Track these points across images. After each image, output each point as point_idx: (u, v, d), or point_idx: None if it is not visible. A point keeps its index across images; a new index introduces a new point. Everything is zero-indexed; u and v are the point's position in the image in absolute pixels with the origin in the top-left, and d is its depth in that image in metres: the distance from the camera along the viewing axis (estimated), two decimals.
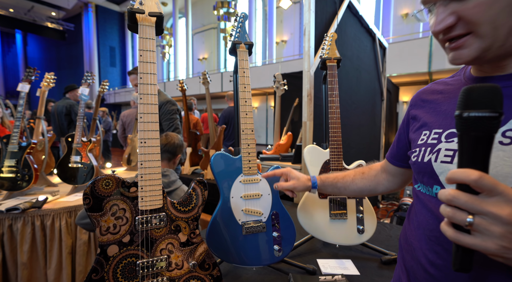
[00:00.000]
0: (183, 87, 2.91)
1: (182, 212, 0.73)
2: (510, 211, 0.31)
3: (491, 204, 0.32)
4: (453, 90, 0.55)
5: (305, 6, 1.85)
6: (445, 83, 0.58)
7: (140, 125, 0.71)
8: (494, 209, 0.32)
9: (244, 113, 0.95)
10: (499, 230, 0.32)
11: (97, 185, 0.64)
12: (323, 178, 0.83)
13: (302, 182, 0.82)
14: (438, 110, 0.55)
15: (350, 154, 2.50)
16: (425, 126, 0.56)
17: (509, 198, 0.32)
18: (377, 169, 0.78)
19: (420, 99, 0.61)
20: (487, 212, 0.32)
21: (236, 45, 0.99)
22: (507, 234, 0.32)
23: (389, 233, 1.38)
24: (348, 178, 0.80)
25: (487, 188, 0.32)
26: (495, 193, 0.32)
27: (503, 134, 0.43)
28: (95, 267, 0.63)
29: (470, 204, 0.33)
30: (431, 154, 0.52)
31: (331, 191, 0.83)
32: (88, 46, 16.86)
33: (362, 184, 0.78)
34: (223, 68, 14.77)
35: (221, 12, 10.56)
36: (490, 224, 0.32)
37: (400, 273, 0.61)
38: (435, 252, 0.49)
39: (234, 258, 0.90)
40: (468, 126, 0.33)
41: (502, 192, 0.32)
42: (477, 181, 0.32)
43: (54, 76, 2.18)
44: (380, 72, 3.30)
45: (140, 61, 0.73)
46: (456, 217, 0.34)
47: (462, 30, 0.44)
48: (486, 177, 0.32)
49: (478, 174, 0.32)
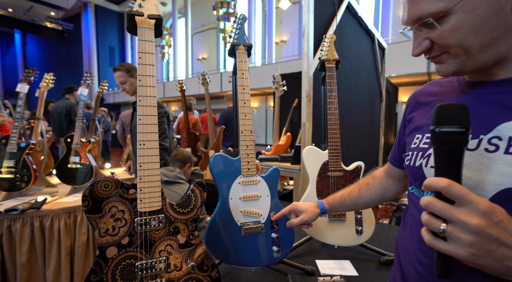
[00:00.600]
0: (182, 88, 2.91)
1: (181, 213, 0.73)
2: (478, 221, 0.33)
3: (462, 212, 0.34)
4: (446, 93, 0.56)
5: (304, 7, 1.85)
6: (440, 85, 0.59)
7: (139, 127, 0.71)
8: (464, 217, 0.34)
9: (243, 114, 0.95)
10: (468, 238, 0.33)
11: (96, 186, 0.65)
12: (330, 200, 0.82)
13: (311, 212, 0.81)
14: (430, 114, 0.55)
15: (349, 154, 2.51)
16: (418, 129, 0.57)
17: (479, 208, 0.33)
18: (381, 176, 0.78)
19: (415, 101, 0.62)
20: (458, 220, 0.34)
21: (235, 47, 0.99)
22: (476, 242, 0.33)
23: (388, 233, 1.38)
24: (354, 193, 0.79)
25: (456, 196, 0.34)
26: (465, 201, 0.34)
27: (488, 141, 0.44)
28: (94, 269, 0.63)
29: (443, 211, 0.35)
30: (422, 159, 0.53)
31: (341, 210, 0.83)
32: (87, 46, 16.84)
33: (370, 196, 0.77)
34: (223, 69, 14.77)
35: (220, 12, 10.56)
36: (461, 232, 0.34)
37: (396, 271, 0.63)
38: (423, 251, 0.50)
39: (233, 259, 0.90)
40: (441, 140, 0.37)
41: (472, 201, 0.34)
42: (446, 188, 0.35)
43: (53, 76, 2.18)
44: (379, 73, 3.31)
45: (139, 63, 0.73)
46: (431, 224, 0.36)
47: (437, 51, 0.48)
48: (455, 185, 0.35)
49: (447, 182, 0.35)
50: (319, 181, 1.16)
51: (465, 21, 0.42)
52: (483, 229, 0.33)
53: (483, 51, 0.43)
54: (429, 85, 0.62)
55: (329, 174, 1.16)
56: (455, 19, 0.42)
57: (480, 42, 0.42)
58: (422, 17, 0.45)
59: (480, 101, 0.48)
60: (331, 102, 1.19)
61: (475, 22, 0.41)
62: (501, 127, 0.43)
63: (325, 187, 1.16)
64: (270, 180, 0.97)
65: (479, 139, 0.45)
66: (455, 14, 0.42)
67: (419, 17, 0.45)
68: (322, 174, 1.17)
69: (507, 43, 0.43)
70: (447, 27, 0.43)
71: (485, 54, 0.43)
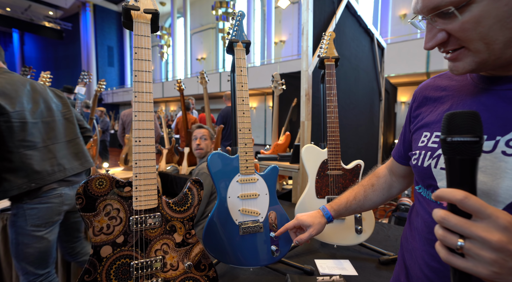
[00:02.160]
0: (180, 87, 2.89)
1: (178, 212, 0.72)
2: (499, 237, 0.31)
3: (481, 228, 0.32)
4: (457, 88, 0.52)
5: (303, 5, 1.84)
6: (450, 78, 0.55)
7: (135, 124, 0.69)
8: (484, 233, 0.31)
9: (241, 112, 0.94)
10: (489, 255, 0.31)
11: (90, 184, 0.63)
12: (335, 206, 0.77)
13: (317, 224, 0.75)
14: (441, 109, 0.52)
15: (348, 153, 2.50)
16: (426, 127, 0.54)
17: (499, 223, 0.31)
18: (385, 174, 0.75)
19: (422, 95, 0.58)
20: (477, 236, 0.32)
21: (234, 43, 0.98)
22: (498, 260, 0.31)
23: (387, 233, 1.37)
24: (359, 196, 0.75)
25: (473, 209, 0.32)
26: (484, 215, 0.32)
27: (506, 143, 0.41)
28: (87, 268, 0.61)
29: (459, 226, 0.33)
30: (431, 159, 0.50)
31: (348, 215, 0.79)
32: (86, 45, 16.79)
33: (376, 197, 0.74)
34: (222, 68, 14.75)
35: (219, 12, 10.55)
36: (480, 249, 0.31)
37: (400, 270, 0.61)
38: (431, 254, 0.49)
39: (231, 259, 0.89)
40: (453, 150, 0.35)
41: (491, 215, 0.31)
42: (462, 201, 0.32)
43: (50, 75, 2.16)
44: (379, 72, 3.30)
45: (135, 58, 0.72)
46: (447, 240, 0.34)
47: (454, 45, 0.43)
48: (471, 197, 0.32)
49: (462, 194, 0.32)
50: (318, 179, 1.15)
51: (491, 11, 0.37)
52: (505, 245, 0.30)
53: (507, 46, 0.39)
54: (437, 78, 0.58)
55: (328, 173, 1.15)
56: (479, 8, 0.38)
57: (505, 37, 0.38)
58: (440, 6, 0.40)
59: (497, 99, 0.44)
60: (331, 100, 1.18)
61: (501, 13, 0.37)
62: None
63: (324, 186, 1.15)
64: (269, 179, 0.96)
65: (495, 141, 0.41)
66: (479, 3, 0.37)
67: (437, 5, 0.40)
68: (321, 173, 1.16)
69: None
70: (468, 18, 0.39)
71: (508, 50, 0.39)
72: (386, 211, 3.46)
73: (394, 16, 9.47)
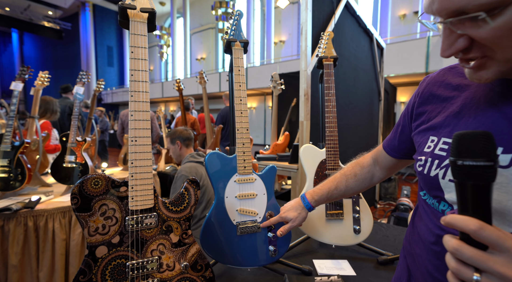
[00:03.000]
0: (179, 87, 2.89)
1: (174, 212, 0.72)
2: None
3: (499, 262, 0.29)
4: (470, 87, 0.46)
5: (302, 5, 1.84)
6: (462, 75, 0.49)
7: (131, 123, 0.69)
8: (503, 269, 0.28)
9: (239, 112, 0.94)
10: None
11: (86, 184, 0.63)
12: (316, 196, 0.78)
13: (298, 217, 0.80)
14: (450, 112, 0.47)
15: (347, 153, 2.50)
16: (433, 130, 0.49)
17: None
18: (370, 165, 0.73)
19: (429, 92, 0.52)
20: (494, 271, 0.29)
21: (231, 43, 0.97)
22: None
23: (386, 233, 1.37)
24: (341, 186, 0.75)
25: (490, 241, 0.30)
26: (502, 249, 0.29)
27: None
28: (82, 269, 0.61)
29: (475, 260, 0.30)
30: (438, 168, 0.46)
31: (327, 202, 0.82)
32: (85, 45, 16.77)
33: (358, 187, 0.75)
34: (221, 68, 14.75)
35: (219, 12, 10.55)
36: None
37: (402, 272, 0.59)
38: (435, 266, 0.46)
39: (229, 259, 0.89)
40: (464, 174, 0.32)
41: (509, 248, 0.29)
42: (477, 232, 0.30)
43: (49, 75, 2.15)
44: (378, 73, 3.30)
45: (131, 58, 0.71)
46: (462, 274, 0.31)
47: (477, 53, 0.37)
48: (488, 228, 0.29)
49: (477, 225, 0.30)
50: (317, 179, 1.15)
51: None
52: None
53: None
54: (448, 72, 0.51)
55: (327, 173, 1.14)
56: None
57: None
58: (466, 10, 0.33)
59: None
60: (329, 100, 1.17)
61: None
62: None
63: None
64: (267, 178, 0.96)
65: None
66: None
67: (461, 9, 0.33)
68: (319, 172, 1.15)
69: None
70: (501, 24, 0.32)
71: None
72: (386, 211, 3.46)
73: (394, 16, 9.48)
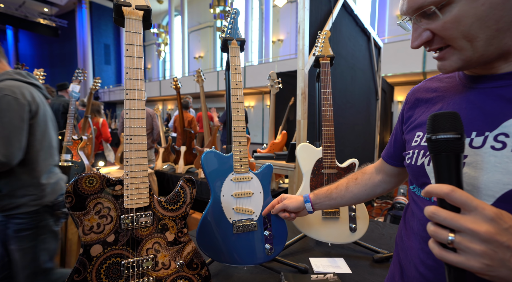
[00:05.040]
0: (177, 85, 2.88)
1: (170, 210, 0.71)
2: (487, 228, 0.31)
3: (469, 220, 0.32)
4: (447, 88, 0.54)
5: (300, 4, 1.84)
6: (440, 80, 0.57)
7: (126, 121, 0.69)
8: (472, 225, 0.32)
9: (235, 110, 0.93)
10: (479, 247, 0.31)
11: (80, 182, 0.62)
12: (316, 191, 0.82)
13: (293, 198, 0.82)
14: (433, 110, 0.54)
15: (344, 152, 2.51)
16: (419, 127, 0.55)
17: (485, 214, 0.32)
18: (371, 172, 0.77)
19: (414, 97, 0.60)
20: (466, 228, 0.32)
21: (228, 41, 0.97)
22: (488, 251, 0.31)
23: (382, 231, 1.38)
24: (341, 187, 0.78)
25: (460, 202, 0.33)
26: (470, 207, 0.33)
27: (495, 138, 0.42)
28: (77, 268, 0.61)
29: (449, 220, 0.34)
30: (424, 157, 0.51)
31: (328, 204, 0.81)
32: (82, 43, 16.62)
33: (357, 190, 0.76)
34: (219, 67, 14.71)
35: (217, 11, 10.50)
36: (470, 242, 0.32)
37: (395, 269, 0.61)
38: (426, 252, 0.49)
39: (225, 257, 0.89)
40: (438, 147, 0.38)
41: (477, 207, 0.32)
42: (449, 194, 0.34)
43: (44, 72, 2.13)
44: (375, 72, 3.31)
45: (126, 56, 0.71)
46: (438, 235, 0.35)
47: (439, 44, 0.45)
48: (458, 191, 0.34)
49: (449, 188, 0.34)
50: (313, 178, 1.15)
51: (469, 10, 0.39)
52: (493, 236, 0.31)
53: (488, 44, 0.41)
54: (428, 81, 0.60)
55: (323, 171, 1.15)
56: (458, 8, 0.40)
57: (486, 34, 0.40)
58: (423, 6, 0.42)
59: (484, 97, 0.45)
60: (326, 99, 1.17)
61: (479, 12, 0.39)
62: (507, 123, 0.41)
63: (319, 184, 1.15)
64: (263, 177, 0.96)
65: (484, 137, 0.43)
66: (458, 3, 0.40)
67: (420, 5, 0.43)
68: (316, 171, 1.16)
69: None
70: (449, 18, 0.41)
71: (490, 47, 0.41)
72: (382, 210, 3.48)
73: (391, 16, 9.50)
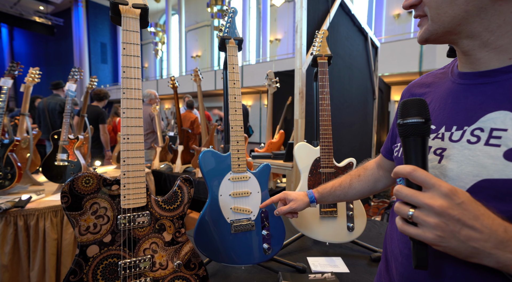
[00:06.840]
0: (174, 84, 2.86)
1: (167, 210, 0.71)
2: (441, 202, 0.35)
3: (426, 196, 0.36)
4: (438, 84, 0.55)
5: (297, 3, 1.83)
6: (434, 76, 0.59)
7: (123, 121, 0.68)
8: (428, 200, 0.35)
9: (233, 109, 0.93)
10: (433, 220, 0.35)
11: (77, 182, 0.62)
12: (320, 189, 0.82)
13: (300, 200, 0.81)
14: None
15: (342, 152, 2.51)
16: None
17: (441, 190, 0.35)
18: (373, 167, 0.78)
19: (409, 93, 0.62)
20: (423, 203, 0.36)
21: (226, 40, 0.97)
22: (440, 224, 0.35)
23: (379, 230, 1.38)
24: (345, 184, 0.79)
25: (420, 180, 0.37)
26: (429, 185, 0.36)
27: (471, 133, 0.44)
28: (73, 269, 0.60)
29: (409, 196, 0.37)
30: None
31: (332, 201, 0.83)
32: (78, 42, 16.43)
33: (361, 187, 0.77)
34: (217, 66, 14.66)
35: (214, 10, 10.45)
36: (426, 215, 0.36)
37: (382, 264, 0.63)
38: (404, 242, 0.51)
39: (223, 257, 0.89)
40: (406, 131, 0.41)
41: (434, 184, 0.36)
42: (411, 174, 0.37)
43: (39, 71, 2.11)
44: (372, 71, 3.32)
45: (123, 54, 0.70)
46: (400, 211, 0.38)
47: (420, 11, 0.48)
48: (418, 170, 0.37)
49: (411, 168, 0.37)
50: (311, 177, 1.15)
51: None
52: (445, 210, 0.34)
53: (455, 23, 0.43)
54: (424, 76, 0.62)
55: (321, 171, 1.15)
56: None
57: (454, 11, 0.43)
58: None
59: (467, 92, 0.47)
60: (323, 98, 1.18)
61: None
62: (484, 118, 0.43)
63: (316, 184, 1.15)
64: (261, 176, 0.96)
65: (463, 131, 0.45)
66: None
67: None
68: (313, 171, 1.16)
69: (482, 22, 0.42)
70: None
71: (457, 27, 0.44)
72: (379, 209, 3.50)
73: (388, 16, 9.55)
